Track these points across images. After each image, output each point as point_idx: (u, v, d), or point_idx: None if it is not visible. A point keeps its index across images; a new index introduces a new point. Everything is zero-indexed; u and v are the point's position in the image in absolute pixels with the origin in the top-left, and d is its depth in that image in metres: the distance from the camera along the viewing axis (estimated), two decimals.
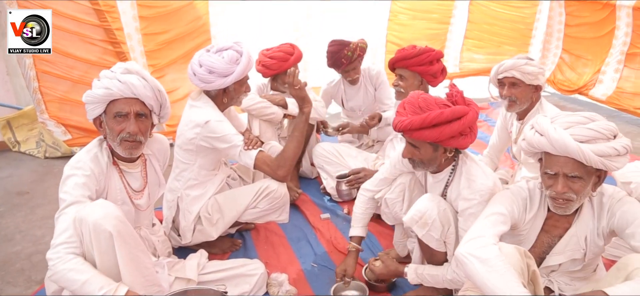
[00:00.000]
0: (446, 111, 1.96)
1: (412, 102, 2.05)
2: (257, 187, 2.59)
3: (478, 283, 1.62)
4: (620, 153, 1.67)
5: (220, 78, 2.42)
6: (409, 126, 1.99)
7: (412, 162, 2.15)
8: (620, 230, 1.77)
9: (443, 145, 2.04)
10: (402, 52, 3.00)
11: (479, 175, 2.07)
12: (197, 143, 2.45)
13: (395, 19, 5.98)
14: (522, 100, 2.88)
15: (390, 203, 2.41)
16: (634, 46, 5.44)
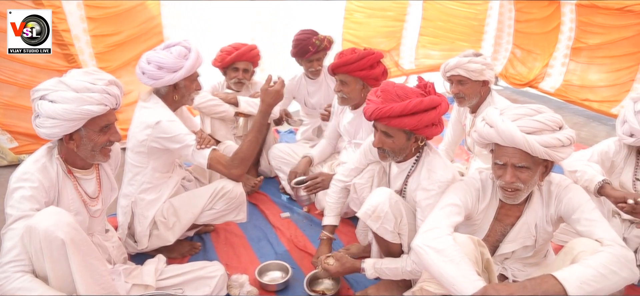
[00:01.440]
0: (425, 99, 2.01)
1: (389, 91, 2.06)
2: (213, 188, 2.56)
3: (434, 273, 1.66)
4: (565, 144, 1.74)
5: (170, 73, 2.39)
6: (388, 113, 2.00)
7: (382, 151, 2.17)
8: (566, 216, 1.84)
9: (417, 134, 2.08)
10: (343, 58, 2.89)
11: (440, 167, 2.12)
12: (148, 145, 2.40)
13: (351, 17, 6.01)
14: (471, 96, 2.97)
15: (359, 189, 2.44)
16: (578, 41, 5.68)
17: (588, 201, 1.83)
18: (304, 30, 3.62)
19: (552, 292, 1.49)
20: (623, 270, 1.55)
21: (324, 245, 2.53)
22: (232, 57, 3.44)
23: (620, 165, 2.60)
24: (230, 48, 3.48)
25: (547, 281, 1.51)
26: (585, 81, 5.70)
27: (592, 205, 1.81)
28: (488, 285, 1.55)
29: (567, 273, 1.53)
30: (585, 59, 5.70)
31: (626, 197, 2.15)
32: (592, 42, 5.54)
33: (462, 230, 2.00)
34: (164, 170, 2.55)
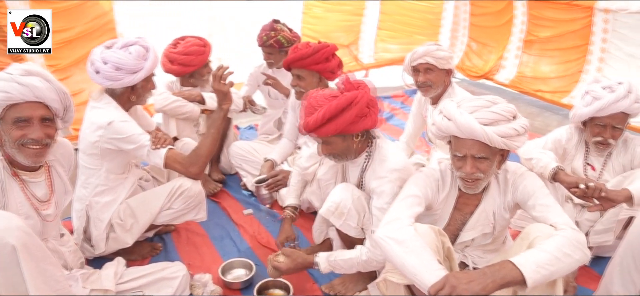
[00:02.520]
0: (334, 102, 2.01)
1: (307, 105, 2.10)
2: (170, 187, 2.50)
3: (397, 264, 1.68)
4: (520, 133, 1.79)
5: (129, 75, 2.30)
6: (311, 126, 2.05)
7: (331, 156, 2.20)
8: (522, 202, 1.90)
9: (349, 133, 2.09)
10: (298, 52, 2.86)
11: (390, 155, 2.16)
12: (101, 146, 2.31)
13: (310, 12, 6.01)
14: (437, 84, 3.03)
15: (323, 185, 2.45)
16: (530, 34, 5.85)
17: (542, 187, 1.89)
18: (271, 22, 3.63)
19: (510, 277, 1.53)
20: (576, 252, 1.61)
21: (286, 223, 2.53)
22: (191, 68, 3.32)
23: (572, 151, 2.72)
24: (185, 56, 3.27)
25: (505, 267, 1.55)
26: (537, 72, 5.89)
27: (546, 191, 1.87)
28: (449, 274, 1.58)
29: (523, 258, 1.57)
30: (537, 51, 5.88)
31: (578, 182, 2.24)
32: (542, 35, 5.72)
33: (423, 221, 2.03)
34: (119, 171, 2.47)
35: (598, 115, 2.45)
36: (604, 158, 2.65)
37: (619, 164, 2.62)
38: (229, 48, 5.36)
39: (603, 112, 2.42)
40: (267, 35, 3.53)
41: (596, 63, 5.22)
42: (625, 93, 2.40)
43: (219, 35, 5.29)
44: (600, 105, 2.41)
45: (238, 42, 5.43)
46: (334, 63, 2.90)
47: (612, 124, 2.46)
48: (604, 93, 2.42)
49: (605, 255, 2.40)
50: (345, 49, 6.41)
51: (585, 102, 2.50)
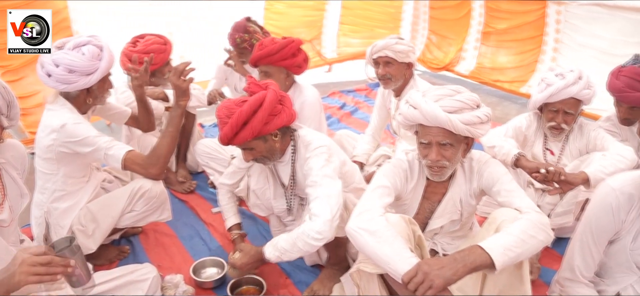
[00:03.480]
0: (244, 107, 2.03)
1: (220, 117, 2.10)
2: (130, 189, 2.42)
3: (370, 254, 1.70)
4: (483, 121, 1.84)
5: (84, 77, 2.23)
6: (228, 136, 2.06)
7: (257, 161, 2.24)
8: (487, 188, 1.96)
9: (266, 133, 2.12)
10: (264, 49, 2.83)
11: (313, 138, 2.22)
12: (56, 150, 2.24)
13: (272, 7, 5.98)
14: (397, 77, 3.08)
15: (260, 193, 2.44)
16: (488, 26, 6.01)
17: (506, 173, 1.95)
18: (243, 20, 3.60)
19: (480, 261, 1.57)
20: (540, 233, 1.67)
21: (237, 244, 2.45)
22: (168, 52, 3.25)
23: (532, 138, 2.81)
24: (142, 55, 3.09)
25: (474, 252, 1.59)
26: (495, 63, 6.06)
27: (509, 177, 1.93)
28: (421, 261, 1.61)
29: (491, 242, 1.62)
30: (495, 43, 6.05)
31: (539, 167, 2.32)
32: (499, 26, 5.89)
33: (394, 211, 2.08)
34: (79, 175, 2.39)
35: (550, 101, 2.55)
36: (562, 143, 2.75)
37: (576, 148, 2.72)
38: (191, 45, 5.28)
39: (554, 97, 2.52)
40: (240, 37, 3.50)
41: (551, 53, 5.40)
42: (575, 79, 2.50)
43: (180, 33, 5.19)
44: (551, 91, 2.51)
45: (200, 39, 5.36)
46: (301, 58, 2.90)
47: (564, 109, 2.56)
48: (556, 79, 2.53)
49: (566, 236, 2.50)
50: (308, 44, 6.41)
51: (540, 88, 2.61)
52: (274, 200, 2.44)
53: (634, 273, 1.82)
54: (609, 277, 1.91)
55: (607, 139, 2.60)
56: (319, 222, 1.96)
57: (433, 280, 1.52)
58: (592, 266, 1.87)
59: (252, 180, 2.47)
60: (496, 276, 1.68)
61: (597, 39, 4.86)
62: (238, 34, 3.51)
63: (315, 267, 2.56)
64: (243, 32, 3.51)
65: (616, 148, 2.47)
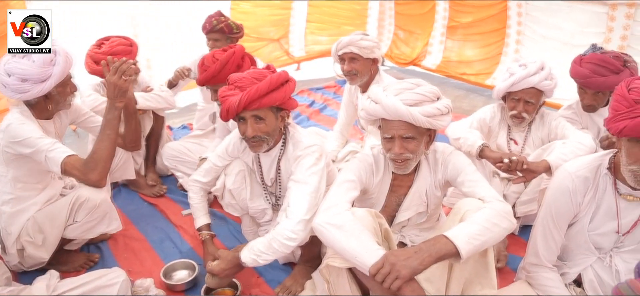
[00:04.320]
0: (281, 73, 2.12)
1: (244, 78, 2.08)
2: (69, 200, 2.31)
3: (337, 249, 1.72)
4: (444, 113, 1.88)
5: (37, 84, 2.18)
6: (257, 94, 2.01)
7: (258, 140, 2.14)
8: (452, 179, 2.01)
9: (284, 108, 2.14)
10: (209, 71, 2.66)
11: (303, 137, 2.23)
12: (2, 150, 2.20)
13: (238, 7, 5.92)
14: (363, 73, 3.12)
15: (236, 193, 2.42)
16: (452, 20, 6.12)
17: (469, 164, 2.00)
18: (217, 11, 3.72)
19: (445, 250, 1.61)
20: (503, 221, 1.72)
21: (208, 245, 2.43)
22: (134, 53, 3.18)
23: (496, 129, 2.88)
24: (123, 46, 3.14)
25: (439, 241, 1.63)
26: (461, 56, 6.16)
27: (473, 168, 1.98)
28: (388, 252, 1.63)
29: (456, 231, 1.66)
30: (460, 36, 6.16)
31: (502, 157, 2.38)
32: (464, 20, 6.00)
33: (361, 205, 2.10)
34: (31, 180, 2.33)
35: (512, 90, 2.63)
36: (525, 133, 2.83)
37: (538, 138, 2.80)
38: (157, 47, 5.20)
39: (516, 86, 2.60)
40: (217, 20, 3.56)
41: (514, 45, 5.53)
42: (537, 69, 2.58)
43: (144, 36, 5.11)
44: (513, 79, 2.59)
45: (166, 41, 5.28)
46: (247, 65, 2.88)
47: (525, 98, 2.64)
48: (519, 69, 2.61)
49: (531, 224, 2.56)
50: (276, 43, 6.40)
51: (504, 78, 2.68)
52: (250, 200, 2.43)
53: (593, 253, 1.89)
54: (570, 260, 1.98)
55: (568, 128, 2.68)
56: (293, 222, 1.98)
57: (399, 270, 1.55)
58: (555, 250, 1.93)
59: (229, 179, 2.43)
60: (462, 265, 1.72)
61: (557, 30, 5.00)
62: (214, 18, 3.59)
63: (288, 265, 2.57)
64: (218, 16, 3.60)
65: (576, 136, 2.55)
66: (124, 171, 2.98)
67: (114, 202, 3.21)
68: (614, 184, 1.80)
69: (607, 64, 2.63)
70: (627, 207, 1.80)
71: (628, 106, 1.57)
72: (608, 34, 4.52)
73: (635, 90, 1.58)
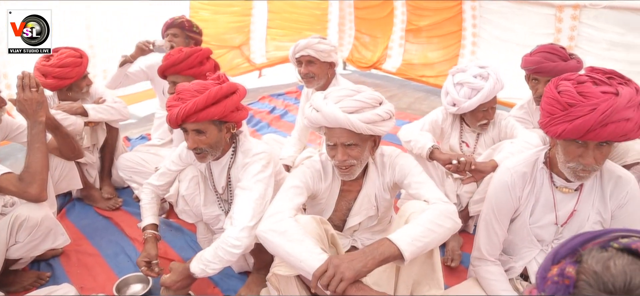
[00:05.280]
0: (224, 86, 2.06)
1: (187, 90, 2.07)
2: (7, 220, 2.21)
3: (281, 255, 1.72)
4: (385, 118, 1.88)
5: None
6: (194, 108, 1.99)
7: (199, 152, 2.14)
8: (400, 181, 2.03)
9: (227, 121, 2.12)
10: (171, 59, 2.81)
11: (253, 145, 2.23)
12: None
13: (197, 15, 5.87)
14: (320, 76, 3.14)
15: (190, 199, 2.41)
16: (411, 23, 6.23)
17: (416, 166, 2.02)
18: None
19: (388, 253, 1.63)
20: (446, 222, 1.75)
21: (149, 244, 2.34)
22: (84, 66, 3.13)
23: (448, 131, 2.93)
24: (60, 68, 3.04)
25: (383, 244, 1.65)
26: (420, 59, 6.28)
27: (419, 170, 2.01)
28: (331, 256, 1.64)
29: (399, 233, 1.68)
30: (419, 39, 6.28)
31: (451, 158, 2.43)
32: (422, 23, 6.12)
33: (311, 210, 2.11)
34: None
35: (483, 102, 2.65)
36: (476, 135, 2.89)
37: (490, 138, 2.87)
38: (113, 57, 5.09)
39: (488, 98, 2.64)
40: (178, 17, 3.58)
41: (470, 47, 5.67)
42: (495, 76, 2.63)
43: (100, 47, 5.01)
44: (484, 94, 2.60)
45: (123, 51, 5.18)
46: (209, 66, 2.89)
47: (492, 105, 2.71)
48: (482, 82, 2.62)
49: None
50: (237, 50, 6.37)
51: (465, 93, 2.66)
52: (204, 206, 2.41)
53: (536, 246, 1.96)
54: (516, 254, 2.05)
55: (517, 127, 2.76)
56: (237, 229, 1.97)
57: (343, 272, 1.55)
58: (497, 245, 1.99)
59: (183, 185, 2.42)
60: (409, 267, 1.75)
61: (509, 32, 5.15)
62: (170, 19, 3.59)
63: (243, 274, 2.56)
64: (180, 16, 3.61)
65: (523, 136, 2.62)
66: (70, 181, 2.88)
67: (68, 217, 3.20)
68: (550, 177, 1.87)
69: (556, 51, 2.76)
70: (564, 199, 1.88)
71: (562, 109, 1.62)
72: (557, 34, 4.68)
73: (565, 92, 1.63)
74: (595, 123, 1.54)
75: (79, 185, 3.03)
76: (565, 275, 0.82)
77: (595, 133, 1.57)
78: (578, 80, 1.65)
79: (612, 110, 1.52)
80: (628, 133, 1.56)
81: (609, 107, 1.52)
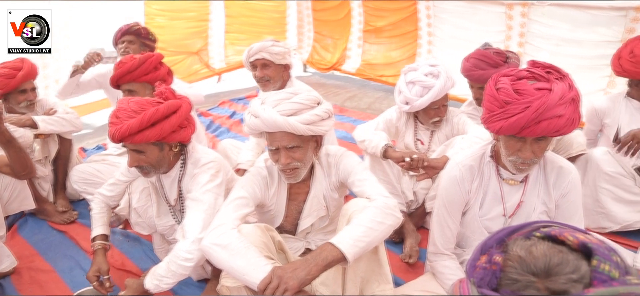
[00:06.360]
0: (161, 107, 2.00)
1: (124, 109, 2.01)
2: None
3: (226, 268, 1.72)
4: (324, 118, 1.89)
5: None
6: (128, 131, 1.95)
7: (141, 169, 2.12)
8: (344, 180, 2.05)
9: (167, 142, 2.08)
10: (124, 66, 2.77)
11: (203, 154, 2.20)
12: None
13: (152, 22, 5.77)
14: (275, 79, 3.15)
15: (142, 211, 2.37)
16: (368, 24, 6.31)
17: (359, 164, 2.04)
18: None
19: (331, 257, 1.63)
20: (387, 218, 1.77)
21: (99, 256, 2.30)
22: (18, 79, 3.03)
23: (403, 129, 2.98)
24: (7, 70, 2.97)
25: (325, 249, 1.65)
26: (379, 59, 6.36)
27: (362, 167, 2.03)
28: (275, 267, 1.63)
29: (340, 236, 1.69)
30: (376, 39, 6.36)
31: (404, 156, 2.47)
32: (379, 24, 6.20)
33: (262, 218, 2.11)
34: None
35: (434, 100, 2.71)
36: (430, 132, 2.95)
37: (443, 135, 2.93)
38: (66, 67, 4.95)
39: (439, 96, 2.70)
40: (133, 23, 3.49)
41: (426, 46, 5.77)
42: (446, 73, 2.70)
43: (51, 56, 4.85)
44: (436, 91, 2.66)
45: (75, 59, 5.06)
46: (164, 71, 2.86)
47: (443, 103, 2.78)
48: (433, 80, 2.68)
49: None
50: (195, 56, 6.30)
51: (417, 92, 2.71)
52: (157, 218, 2.38)
53: None
54: (469, 246, 2.11)
55: (468, 123, 2.83)
56: (188, 242, 1.95)
57: (287, 282, 1.56)
58: (451, 238, 2.05)
59: (134, 197, 2.38)
60: (355, 265, 1.77)
61: (463, 30, 5.27)
62: (127, 23, 3.50)
63: (202, 282, 2.54)
64: (134, 23, 3.52)
65: (474, 131, 2.70)
66: (21, 202, 2.81)
67: (20, 233, 3.10)
68: (497, 170, 1.94)
69: (487, 58, 2.84)
70: (510, 191, 1.95)
71: (500, 106, 1.69)
72: (508, 32, 4.82)
73: (502, 89, 1.69)
74: (529, 121, 1.61)
75: (32, 206, 2.95)
76: (493, 262, 0.90)
77: (529, 130, 1.64)
78: (517, 76, 1.71)
79: (545, 107, 1.59)
80: (561, 129, 1.63)
81: (541, 104, 1.59)
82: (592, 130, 3.11)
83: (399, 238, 2.82)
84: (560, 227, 0.93)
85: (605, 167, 2.71)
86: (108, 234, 2.39)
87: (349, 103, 5.84)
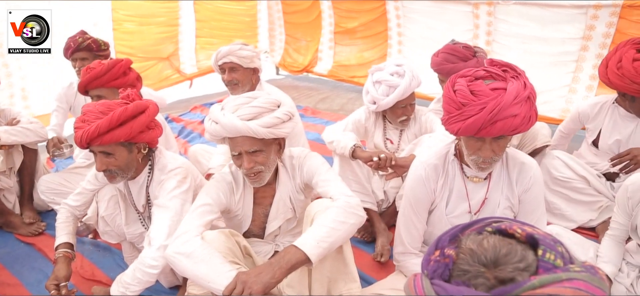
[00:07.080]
0: (129, 106, 2.00)
1: (91, 111, 2.01)
2: None
3: (190, 277, 1.72)
4: (285, 120, 1.89)
5: None
6: (97, 131, 1.93)
7: (110, 173, 2.10)
8: (309, 181, 2.06)
9: (135, 142, 2.08)
10: (92, 72, 2.74)
11: (170, 160, 2.20)
12: None
13: (121, 27, 5.69)
14: (244, 82, 3.15)
15: (110, 220, 2.34)
16: (338, 26, 6.34)
17: (323, 164, 2.04)
18: (79, 31, 3.41)
19: (295, 259, 1.64)
20: (350, 217, 1.78)
21: (60, 264, 2.24)
22: None
23: (372, 129, 3.01)
24: None
25: (289, 252, 1.66)
26: (351, 60, 6.40)
27: (326, 168, 2.03)
28: (239, 272, 1.64)
29: (304, 238, 1.70)
30: (347, 41, 6.39)
31: (372, 156, 2.49)
32: (350, 25, 6.23)
33: (229, 223, 2.11)
34: None
35: (400, 99, 2.74)
36: (399, 132, 2.99)
37: (412, 134, 2.98)
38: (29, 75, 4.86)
39: (405, 95, 2.73)
40: (82, 37, 3.34)
41: (397, 46, 5.83)
42: (411, 73, 2.73)
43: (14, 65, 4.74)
44: (401, 90, 2.69)
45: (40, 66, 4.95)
46: (133, 76, 2.84)
47: (410, 102, 2.81)
48: (398, 80, 2.72)
49: None
50: (166, 61, 6.23)
51: (383, 91, 2.76)
52: (126, 225, 2.35)
53: None
54: None
55: (436, 122, 2.88)
56: (154, 249, 1.94)
57: (252, 286, 1.56)
58: (417, 237, 2.08)
59: (101, 205, 2.34)
60: (320, 265, 1.78)
61: (432, 30, 5.35)
62: (78, 36, 3.35)
63: (174, 289, 2.51)
64: (81, 34, 3.36)
65: (441, 129, 2.72)
66: None
67: None
68: (461, 168, 1.97)
69: (456, 52, 2.91)
70: (475, 188, 1.99)
71: (457, 108, 1.72)
72: (475, 30, 4.91)
73: (459, 91, 1.73)
74: (485, 122, 1.65)
75: None
76: (445, 255, 0.94)
77: (486, 131, 1.67)
78: (474, 76, 1.75)
79: (500, 108, 1.62)
80: (517, 128, 1.68)
81: (496, 105, 1.62)
82: (572, 128, 3.13)
83: (370, 237, 2.85)
84: (509, 222, 0.98)
85: (554, 172, 2.85)
86: (73, 243, 2.34)
87: (321, 105, 5.86)
